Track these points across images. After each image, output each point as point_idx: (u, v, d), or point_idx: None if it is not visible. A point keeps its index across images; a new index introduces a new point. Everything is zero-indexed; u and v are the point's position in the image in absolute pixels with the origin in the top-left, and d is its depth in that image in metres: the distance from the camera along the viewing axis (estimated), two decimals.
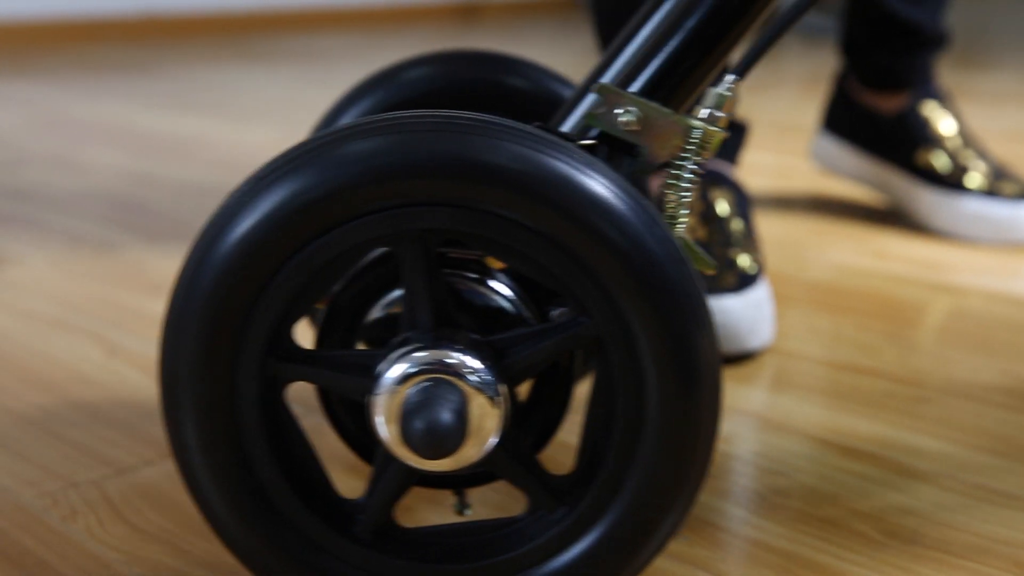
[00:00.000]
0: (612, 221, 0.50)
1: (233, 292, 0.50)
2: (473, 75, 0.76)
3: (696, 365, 0.51)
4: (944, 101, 1.34)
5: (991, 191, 1.28)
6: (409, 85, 0.76)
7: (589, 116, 0.59)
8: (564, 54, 3.34)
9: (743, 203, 1.06)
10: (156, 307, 1.10)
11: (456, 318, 0.54)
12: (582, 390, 0.77)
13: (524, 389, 0.60)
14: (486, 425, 0.52)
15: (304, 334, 0.93)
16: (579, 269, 0.51)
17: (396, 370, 0.52)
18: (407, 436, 0.51)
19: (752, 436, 0.82)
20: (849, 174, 1.41)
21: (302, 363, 0.53)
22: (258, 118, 2.27)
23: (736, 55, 0.66)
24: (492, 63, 0.77)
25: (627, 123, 0.58)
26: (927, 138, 1.32)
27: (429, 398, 0.51)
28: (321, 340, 0.58)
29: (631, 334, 0.51)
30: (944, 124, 1.32)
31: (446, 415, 0.50)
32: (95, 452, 0.79)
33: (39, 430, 0.83)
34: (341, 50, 3.50)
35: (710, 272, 0.60)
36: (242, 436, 0.53)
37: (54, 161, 1.84)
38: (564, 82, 0.77)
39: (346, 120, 0.75)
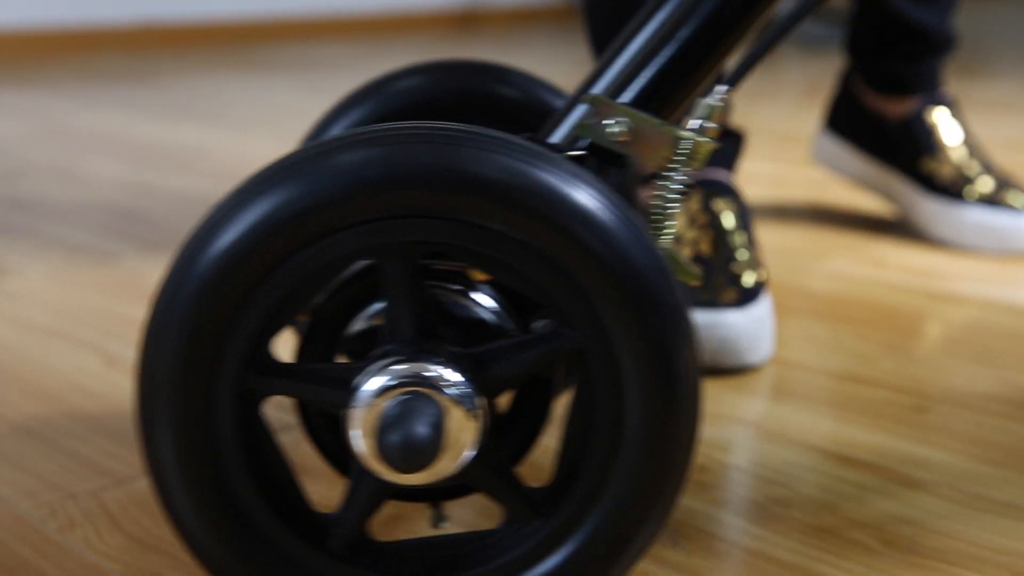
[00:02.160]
0: (596, 232, 0.50)
1: (214, 304, 0.50)
2: (464, 85, 0.76)
3: (677, 378, 0.51)
4: (951, 108, 1.33)
5: (993, 201, 1.28)
6: (400, 95, 0.75)
7: (579, 127, 0.59)
8: (563, 62, 3.34)
9: (745, 215, 1.06)
10: None
11: (438, 331, 0.54)
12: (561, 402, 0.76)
13: (504, 401, 0.59)
14: (462, 438, 0.52)
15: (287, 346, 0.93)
16: (563, 280, 0.51)
17: (374, 383, 0.52)
18: (382, 449, 0.51)
19: (750, 445, 0.82)
20: (851, 175, 1.40)
21: (280, 377, 0.53)
22: (257, 127, 2.27)
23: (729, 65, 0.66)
24: (483, 73, 0.76)
25: (617, 134, 0.58)
26: (931, 146, 1.31)
27: (405, 411, 0.51)
28: (302, 352, 0.58)
29: (614, 346, 0.51)
30: (949, 132, 1.32)
31: (422, 428, 0.50)
32: (93, 463, 0.79)
33: (37, 440, 0.83)
34: (340, 59, 3.50)
35: (695, 283, 0.60)
36: (218, 450, 0.52)
37: (53, 171, 1.84)
38: (555, 91, 0.77)
39: (335, 131, 0.75)
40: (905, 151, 1.33)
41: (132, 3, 3.67)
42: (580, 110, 0.62)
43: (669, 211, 0.58)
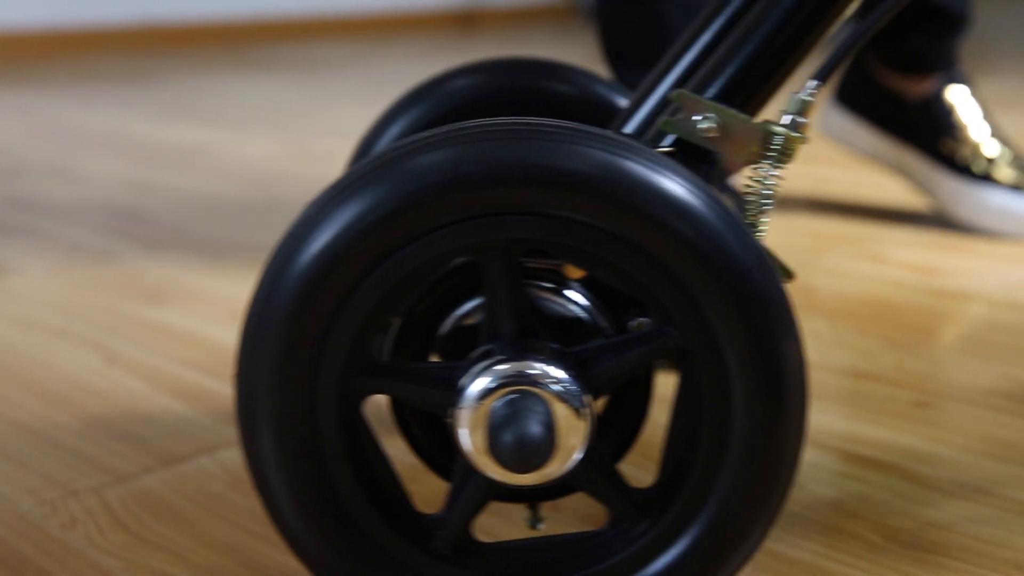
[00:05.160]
0: (699, 229, 0.49)
1: (313, 305, 0.49)
2: (518, 83, 0.75)
3: (784, 375, 0.50)
4: (968, 86, 1.33)
5: (1016, 185, 1.28)
6: (454, 95, 0.75)
7: (666, 123, 0.58)
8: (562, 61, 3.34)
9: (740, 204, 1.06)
10: (155, 315, 1.10)
11: (537, 329, 0.53)
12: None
13: (600, 400, 0.58)
14: (572, 438, 0.51)
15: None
16: (665, 277, 0.50)
17: (480, 383, 0.51)
18: (495, 450, 0.50)
19: None
20: (864, 150, 1.39)
21: (382, 376, 0.52)
22: (257, 127, 2.27)
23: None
24: (537, 70, 0.76)
25: (706, 130, 0.57)
26: (952, 126, 1.30)
27: (517, 411, 0.50)
28: (396, 353, 0.57)
29: (717, 344, 0.50)
30: (969, 112, 1.31)
31: (536, 428, 0.49)
32: (94, 460, 0.79)
33: (38, 438, 0.83)
34: (340, 58, 3.50)
35: (789, 280, 0.59)
36: (320, 450, 0.51)
37: (53, 170, 1.85)
38: (611, 86, 0.76)
39: (393, 132, 0.75)
40: (925, 131, 1.31)
41: (131, 3, 3.67)
42: (650, 105, 0.62)
43: (764, 207, 0.57)
